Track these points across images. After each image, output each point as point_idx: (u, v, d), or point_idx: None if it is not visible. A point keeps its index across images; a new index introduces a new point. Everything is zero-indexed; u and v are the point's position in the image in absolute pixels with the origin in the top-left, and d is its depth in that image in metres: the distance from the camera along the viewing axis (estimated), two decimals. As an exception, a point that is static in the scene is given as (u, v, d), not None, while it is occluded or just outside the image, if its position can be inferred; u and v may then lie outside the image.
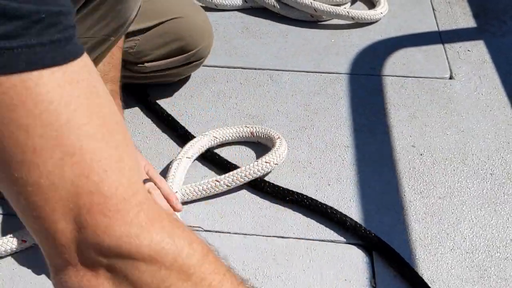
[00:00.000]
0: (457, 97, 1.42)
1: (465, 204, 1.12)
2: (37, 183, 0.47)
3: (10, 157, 0.47)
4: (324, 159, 1.24)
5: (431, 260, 1.01)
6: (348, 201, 1.13)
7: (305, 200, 1.10)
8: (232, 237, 1.06)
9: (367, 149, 1.26)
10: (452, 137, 1.29)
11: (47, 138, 0.47)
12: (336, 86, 1.46)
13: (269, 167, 1.16)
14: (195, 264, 0.52)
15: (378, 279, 0.98)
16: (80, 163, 0.48)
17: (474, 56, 1.57)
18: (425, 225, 1.08)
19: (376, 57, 1.57)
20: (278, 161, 1.18)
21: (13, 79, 0.45)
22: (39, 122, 0.46)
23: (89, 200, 0.48)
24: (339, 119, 1.35)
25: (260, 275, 0.99)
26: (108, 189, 0.49)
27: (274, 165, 1.17)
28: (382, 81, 1.47)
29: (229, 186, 1.12)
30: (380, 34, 1.67)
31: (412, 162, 1.22)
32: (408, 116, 1.35)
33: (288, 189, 1.13)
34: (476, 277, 0.98)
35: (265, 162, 1.15)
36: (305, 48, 1.62)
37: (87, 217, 0.48)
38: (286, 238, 1.06)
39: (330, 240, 1.05)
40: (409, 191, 1.15)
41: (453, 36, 1.66)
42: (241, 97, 1.43)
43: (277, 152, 1.18)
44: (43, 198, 0.48)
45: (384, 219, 1.09)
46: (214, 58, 1.57)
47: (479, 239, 1.05)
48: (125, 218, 0.49)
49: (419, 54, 1.58)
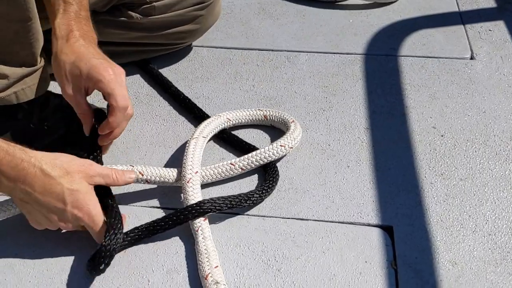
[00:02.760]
0: (478, 77, 1.39)
1: (487, 185, 1.11)
2: None
3: None
4: (343, 141, 1.22)
5: (452, 242, 1.00)
6: (368, 183, 1.12)
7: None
8: (251, 219, 1.06)
9: (387, 131, 1.24)
10: (474, 118, 1.27)
11: None
12: (355, 67, 1.44)
13: (284, 151, 1.15)
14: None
15: (399, 261, 0.97)
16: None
17: (495, 36, 1.54)
18: (446, 207, 1.07)
19: (395, 38, 1.54)
20: (293, 145, 1.17)
21: None
22: None
23: None
24: (357, 100, 1.33)
25: (280, 257, 0.98)
26: None
27: (289, 149, 1.16)
28: (401, 62, 1.45)
29: (244, 169, 1.12)
30: (399, 14, 1.64)
31: (433, 144, 1.20)
32: (429, 97, 1.33)
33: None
34: (499, 259, 0.97)
35: (280, 145, 1.14)
36: (322, 29, 1.60)
37: None
38: (306, 220, 1.05)
39: (349, 222, 1.05)
40: (430, 173, 1.13)
41: (474, 16, 1.63)
42: (258, 79, 1.42)
43: (292, 135, 1.17)
44: None
45: (404, 201, 1.08)
46: (230, 39, 1.56)
47: (501, 221, 1.04)
48: None
49: (439, 34, 1.55)
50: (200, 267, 0.94)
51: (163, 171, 1.08)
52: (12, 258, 1.00)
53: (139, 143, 1.24)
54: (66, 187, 0.90)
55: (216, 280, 0.91)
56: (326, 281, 0.94)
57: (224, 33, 1.59)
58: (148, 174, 1.06)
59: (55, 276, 0.97)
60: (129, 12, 1.34)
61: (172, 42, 1.43)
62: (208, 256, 0.95)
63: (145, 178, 1.06)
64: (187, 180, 1.06)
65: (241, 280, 0.95)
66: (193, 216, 0.99)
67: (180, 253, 1.00)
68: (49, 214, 0.92)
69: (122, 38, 1.38)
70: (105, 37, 1.35)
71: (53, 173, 0.90)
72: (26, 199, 0.91)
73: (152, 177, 1.06)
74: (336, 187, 1.12)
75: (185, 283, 0.95)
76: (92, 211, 0.93)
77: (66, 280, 0.96)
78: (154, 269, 0.97)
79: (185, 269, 0.97)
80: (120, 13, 1.35)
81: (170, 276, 0.96)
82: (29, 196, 0.90)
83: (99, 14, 1.32)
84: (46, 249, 1.01)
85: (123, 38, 1.38)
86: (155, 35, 1.38)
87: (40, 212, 0.93)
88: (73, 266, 0.98)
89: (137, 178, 1.05)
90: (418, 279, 0.94)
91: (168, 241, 1.02)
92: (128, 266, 0.98)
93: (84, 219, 0.93)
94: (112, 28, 1.35)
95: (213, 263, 0.94)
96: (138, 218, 1.06)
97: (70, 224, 0.94)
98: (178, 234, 1.03)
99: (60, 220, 0.93)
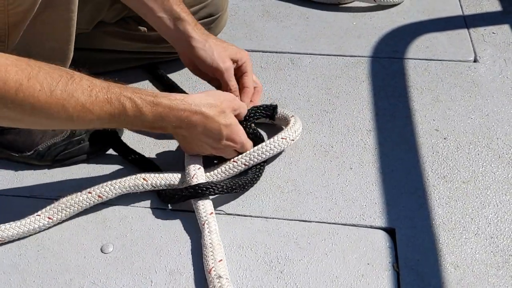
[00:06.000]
0: (482, 80, 1.39)
1: (489, 188, 1.11)
2: None
3: None
4: (346, 143, 1.23)
5: (454, 244, 1.00)
6: (370, 185, 1.12)
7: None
8: (254, 220, 1.06)
9: (390, 133, 1.24)
10: (477, 121, 1.27)
11: None
12: (358, 70, 1.44)
13: (285, 143, 1.15)
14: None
15: (401, 263, 0.97)
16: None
17: (499, 39, 1.54)
18: (449, 209, 1.07)
19: (399, 40, 1.55)
20: (294, 137, 1.17)
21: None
22: None
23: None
24: (361, 102, 1.33)
25: (282, 259, 0.99)
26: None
27: (291, 141, 1.16)
28: (405, 64, 1.45)
29: (247, 165, 1.12)
30: (402, 17, 1.65)
31: (436, 146, 1.20)
32: (432, 99, 1.33)
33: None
34: (501, 262, 0.97)
35: (282, 138, 1.15)
36: (326, 31, 1.60)
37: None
38: (308, 222, 1.06)
39: (352, 224, 1.05)
40: (432, 176, 1.14)
41: (478, 19, 1.62)
42: (262, 81, 1.42)
43: (293, 128, 1.17)
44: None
45: (407, 203, 1.08)
46: (234, 41, 1.56)
47: (503, 224, 1.04)
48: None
49: (443, 37, 1.55)
50: (204, 261, 0.95)
51: (167, 175, 1.08)
52: (17, 258, 1.01)
53: (142, 144, 1.24)
54: (222, 124, 1.05)
55: (219, 274, 0.91)
56: (328, 283, 0.95)
57: (228, 35, 1.59)
58: (153, 180, 1.07)
59: (59, 276, 0.97)
60: (137, 25, 1.36)
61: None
62: (213, 250, 0.95)
63: (150, 183, 1.07)
64: (192, 176, 1.06)
65: (243, 281, 0.96)
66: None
67: (183, 254, 1.00)
68: (203, 145, 1.08)
69: (129, 48, 1.40)
70: (111, 47, 1.37)
71: (211, 113, 1.03)
72: (187, 136, 1.07)
73: (157, 182, 1.07)
74: (339, 189, 1.12)
75: (187, 284, 0.95)
76: (243, 140, 1.11)
77: (70, 279, 0.97)
78: (157, 270, 0.98)
79: (188, 270, 0.97)
80: (128, 25, 1.36)
81: (173, 277, 0.96)
82: (190, 134, 1.06)
83: (107, 25, 1.34)
84: (50, 249, 1.02)
85: (130, 48, 1.40)
86: (161, 46, 1.39)
87: (196, 144, 1.08)
88: (77, 265, 0.99)
89: (143, 186, 1.06)
90: (420, 281, 0.94)
91: (171, 242, 1.02)
92: (131, 267, 0.98)
93: (236, 148, 1.11)
94: (119, 39, 1.37)
95: (217, 256, 0.94)
96: (141, 219, 1.07)
97: (221, 151, 1.10)
98: (181, 234, 1.03)
99: (213, 148, 1.09)
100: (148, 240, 1.03)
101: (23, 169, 1.18)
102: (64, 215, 1.05)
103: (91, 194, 1.05)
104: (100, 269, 0.98)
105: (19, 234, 1.02)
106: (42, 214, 1.04)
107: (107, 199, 1.07)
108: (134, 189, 1.07)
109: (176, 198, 1.06)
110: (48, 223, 1.04)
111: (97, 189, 1.06)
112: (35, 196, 1.12)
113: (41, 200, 1.10)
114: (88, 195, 1.05)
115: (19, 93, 0.82)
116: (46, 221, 1.04)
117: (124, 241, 1.03)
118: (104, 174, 1.16)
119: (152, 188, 1.08)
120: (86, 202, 1.05)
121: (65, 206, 1.04)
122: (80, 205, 1.05)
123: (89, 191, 1.06)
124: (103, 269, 0.98)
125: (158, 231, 1.05)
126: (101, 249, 1.02)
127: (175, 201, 1.06)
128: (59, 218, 1.04)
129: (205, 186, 1.04)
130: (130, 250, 1.01)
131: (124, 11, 1.33)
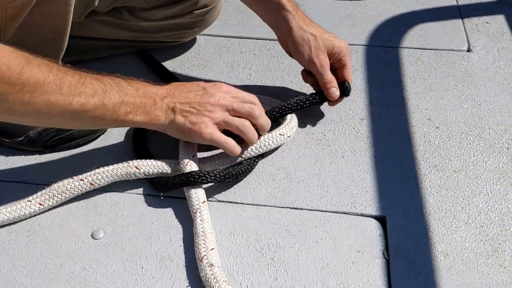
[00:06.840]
0: (475, 70, 1.39)
1: (480, 178, 1.11)
2: None
3: None
4: (339, 131, 1.23)
5: (445, 233, 1.01)
6: (362, 174, 1.12)
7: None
8: (246, 207, 1.06)
9: (382, 122, 1.25)
10: (469, 111, 1.27)
11: None
12: (352, 58, 1.43)
13: (282, 139, 1.15)
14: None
15: (392, 251, 0.98)
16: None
17: (492, 29, 1.54)
18: (440, 198, 1.07)
19: (393, 29, 1.54)
20: (291, 134, 1.17)
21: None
22: None
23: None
24: (354, 91, 1.33)
25: (273, 246, 0.99)
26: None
27: (287, 138, 1.16)
28: (398, 53, 1.45)
29: (243, 158, 1.12)
30: (397, 6, 1.64)
31: (428, 135, 1.21)
32: (424, 88, 1.34)
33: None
34: (490, 251, 0.98)
35: (279, 134, 1.15)
36: (320, 19, 1.58)
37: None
38: (300, 210, 1.06)
39: (343, 212, 1.05)
40: (424, 164, 1.14)
41: (472, 9, 1.62)
42: (255, 68, 1.42)
43: (290, 124, 1.17)
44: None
45: (398, 192, 1.08)
46: (227, 28, 1.56)
47: (494, 213, 1.04)
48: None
49: (437, 26, 1.55)
50: (196, 249, 0.95)
51: (160, 163, 1.08)
52: (7, 244, 1.00)
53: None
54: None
55: (211, 263, 0.91)
56: (319, 270, 0.95)
57: (222, 22, 1.58)
58: (146, 169, 1.06)
59: (49, 262, 0.97)
60: (130, 15, 1.35)
61: (170, 40, 1.45)
62: (205, 238, 0.95)
63: (142, 172, 1.06)
64: (185, 163, 1.06)
65: (234, 268, 0.96)
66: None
67: (174, 240, 1.00)
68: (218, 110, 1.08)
69: (121, 37, 1.39)
70: (104, 35, 1.36)
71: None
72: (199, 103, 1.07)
73: (150, 170, 1.07)
74: (330, 177, 1.12)
75: (178, 270, 0.95)
76: (263, 114, 1.12)
77: (60, 265, 0.97)
78: (148, 256, 0.98)
79: (178, 256, 0.98)
80: (121, 15, 1.35)
81: (163, 263, 0.96)
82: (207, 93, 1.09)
83: (100, 15, 1.33)
84: (40, 235, 1.02)
85: (123, 37, 1.39)
86: (155, 35, 1.38)
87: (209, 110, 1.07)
88: (67, 251, 0.99)
89: (135, 174, 1.06)
90: (410, 270, 0.95)
91: (162, 229, 1.02)
92: (122, 253, 0.98)
93: (255, 112, 1.09)
94: (112, 28, 1.36)
95: (209, 245, 0.94)
96: (132, 206, 1.07)
97: (239, 124, 1.08)
98: (172, 221, 1.03)
99: (232, 110, 1.09)
100: (139, 227, 1.03)
101: (14, 155, 1.17)
102: (55, 201, 1.04)
103: (83, 181, 1.05)
104: (90, 255, 0.98)
105: (9, 220, 1.02)
106: (33, 200, 1.04)
107: (99, 187, 1.06)
108: (127, 177, 1.07)
109: (169, 185, 1.06)
110: (39, 209, 1.04)
111: (89, 176, 1.05)
112: (25, 182, 1.11)
113: (32, 186, 1.09)
114: (80, 182, 1.05)
115: (22, 74, 0.85)
116: (37, 207, 1.03)
117: (115, 227, 1.03)
118: (96, 161, 1.15)
119: (144, 176, 1.07)
120: (77, 189, 1.05)
121: (56, 192, 1.04)
122: (72, 192, 1.05)
123: (81, 178, 1.05)
124: (93, 255, 0.98)
125: (149, 217, 1.05)
126: (91, 235, 1.01)
127: (168, 188, 1.06)
128: (50, 204, 1.04)
129: (197, 174, 1.04)
130: (121, 236, 1.01)
131: (117, 1, 1.32)
